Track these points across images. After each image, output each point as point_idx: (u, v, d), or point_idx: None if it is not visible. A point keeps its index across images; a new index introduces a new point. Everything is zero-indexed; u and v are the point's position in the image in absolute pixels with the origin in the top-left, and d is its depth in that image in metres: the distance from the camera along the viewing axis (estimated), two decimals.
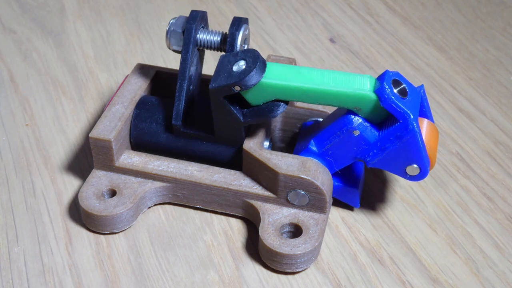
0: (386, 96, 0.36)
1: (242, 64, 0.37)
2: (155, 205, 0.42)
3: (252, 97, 0.38)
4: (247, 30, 0.40)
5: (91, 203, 0.39)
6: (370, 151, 0.38)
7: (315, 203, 0.39)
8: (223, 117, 0.39)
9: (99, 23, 0.58)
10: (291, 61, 0.42)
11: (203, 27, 0.41)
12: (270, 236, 0.38)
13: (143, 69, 0.45)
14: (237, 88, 0.37)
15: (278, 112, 0.38)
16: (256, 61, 0.37)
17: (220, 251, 0.39)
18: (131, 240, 0.40)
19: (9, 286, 0.37)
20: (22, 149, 0.45)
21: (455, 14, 0.60)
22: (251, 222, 0.41)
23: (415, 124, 0.36)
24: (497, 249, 0.40)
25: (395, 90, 0.36)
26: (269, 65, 0.38)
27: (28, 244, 0.39)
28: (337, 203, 0.42)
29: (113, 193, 0.40)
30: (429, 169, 0.37)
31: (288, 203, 0.39)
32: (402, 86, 0.37)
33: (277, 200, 0.39)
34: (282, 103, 0.38)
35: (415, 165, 0.37)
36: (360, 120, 0.37)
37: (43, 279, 0.38)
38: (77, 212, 0.41)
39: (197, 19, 0.40)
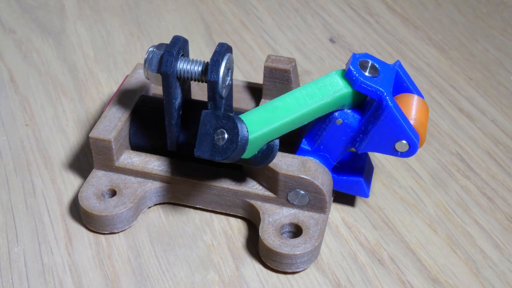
0: (354, 79, 0.36)
1: (224, 135, 0.35)
2: (155, 205, 0.42)
3: (244, 154, 0.36)
4: (229, 62, 0.38)
5: (91, 203, 0.39)
6: (357, 136, 0.37)
7: (315, 203, 0.39)
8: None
9: (99, 23, 0.58)
10: (291, 61, 0.42)
11: (182, 55, 0.38)
12: (270, 236, 0.38)
13: (143, 69, 0.45)
14: (223, 161, 0.36)
15: (273, 156, 0.37)
16: (236, 136, 0.35)
17: (220, 251, 0.39)
18: (131, 240, 0.40)
19: (9, 286, 0.37)
20: (22, 149, 0.45)
21: (455, 14, 0.60)
22: (251, 222, 0.41)
23: (388, 99, 0.36)
24: (497, 249, 0.40)
25: (364, 71, 0.36)
26: (246, 118, 0.36)
27: (28, 244, 0.39)
28: (337, 203, 0.42)
29: (113, 193, 0.40)
30: (418, 143, 0.37)
31: (288, 203, 0.39)
32: (371, 65, 0.37)
33: (277, 200, 0.39)
34: (275, 146, 0.37)
35: (403, 141, 0.37)
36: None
37: (43, 279, 0.38)
38: (77, 212, 0.41)
39: (172, 62, 0.37)
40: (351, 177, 0.40)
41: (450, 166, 0.45)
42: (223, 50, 0.37)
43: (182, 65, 0.38)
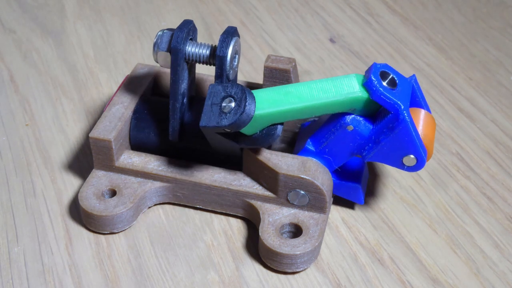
0: (374, 89, 0.36)
1: (231, 103, 0.35)
2: (155, 205, 0.42)
3: (247, 130, 0.37)
4: (237, 44, 0.39)
5: (91, 203, 0.39)
6: (366, 145, 0.37)
7: (315, 203, 0.39)
8: (218, 143, 0.39)
9: (99, 23, 0.58)
10: (291, 61, 0.42)
11: (191, 39, 0.39)
12: (270, 236, 0.38)
13: (143, 69, 0.45)
14: (228, 130, 0.36)
15: (275, 136, 0.37)
16: (243, 101, 0.35)
17: (220, 251, 0.39)
18: (131, 240, 0.40)
19: (9, 286, 0.37)
20: (22, 149, 0.45)
21: (455, 14, 0.60)
22: (251, 222, 0.41)
23: (405, 114, 0.36)
24: (497, 249, 0.40)
25: (383, 82, 0.36)
26: (256, 94, 0.36)
27: (28, 244, 0.39)
28: (337, 203, 0.42)
29: (113, 193, 0.40)
30: (426, 159, 0.37)
31: (288, 203, 0.39)
32: (390, 77, 0.37)
33: (277, 200, 0.39)
34: (278, 126, 0.37)
35: (411, 156, 0.37)
36: (353, 115, 0.37)
37: (43, 279, 0.38)
38: (77, 212, 0.41)
39: (183, 39, 0.38)
40: (349, 182, 0.40)
41: (450, 166, 0.45)
42: (232, 30, 0.38)
43: (190, 48, 0.38)
